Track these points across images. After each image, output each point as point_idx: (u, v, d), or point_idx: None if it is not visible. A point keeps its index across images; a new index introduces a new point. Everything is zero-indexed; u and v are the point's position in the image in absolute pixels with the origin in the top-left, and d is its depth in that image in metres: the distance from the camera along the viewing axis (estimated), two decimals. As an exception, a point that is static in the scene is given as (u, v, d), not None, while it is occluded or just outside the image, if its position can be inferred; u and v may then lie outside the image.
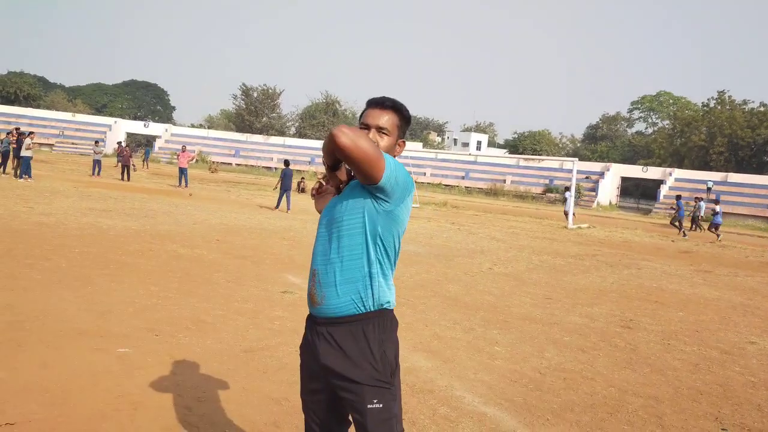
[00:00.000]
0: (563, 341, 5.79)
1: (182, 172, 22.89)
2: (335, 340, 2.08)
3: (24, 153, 18.87)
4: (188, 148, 29.73)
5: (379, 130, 2.13)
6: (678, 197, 25.21)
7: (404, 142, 2.21)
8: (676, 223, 23.33)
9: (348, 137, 1.87)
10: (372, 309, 2.09)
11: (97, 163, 24.18)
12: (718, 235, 21.55)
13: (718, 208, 22.29)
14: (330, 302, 2.07)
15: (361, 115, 2.20)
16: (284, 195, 17.66)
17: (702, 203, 25.98)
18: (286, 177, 17.69)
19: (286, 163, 18.72)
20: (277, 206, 17.59)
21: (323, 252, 2.10)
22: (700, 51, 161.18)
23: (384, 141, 2.13)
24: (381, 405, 2.04)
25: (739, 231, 29.62)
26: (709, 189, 40.49)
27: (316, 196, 2.43)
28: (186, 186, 22.37)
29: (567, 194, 23.51)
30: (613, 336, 6.16)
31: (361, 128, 2.14)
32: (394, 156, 2.17)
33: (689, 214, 26.08)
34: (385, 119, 2.13)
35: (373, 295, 2.08)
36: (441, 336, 5.59)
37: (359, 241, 2.07)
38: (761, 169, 47.43)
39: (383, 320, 2.12)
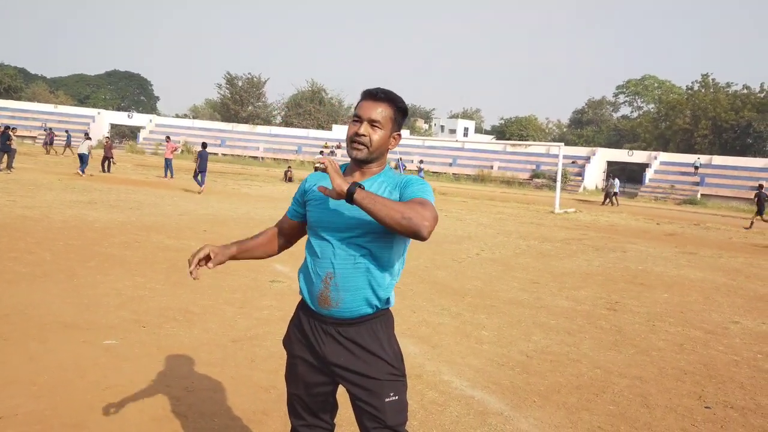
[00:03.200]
0: (549, 324, 5.84)
1: (167, 163, 22.76)
2: (348, 339, 2.09)
3: (82, 151, 20.64)
4: (173, 138, 29.51)
5: (372, 123, 2.07)
6: (610, 174, 31.09)
7: (400, 135, 2.15)
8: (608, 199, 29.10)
9: (430, 228, 1.88)
10: (382, 308, 2.13)
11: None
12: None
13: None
14: (348, 305, 2.06)
15: (355, 107, 2.15)
16: (199, 174, 18.29)
17: (616, 180, 30.60)
18: (201, 158, 18.47)
19: (203, 145, 19.57)
20: (201, 187, 17.99)
21: (345, 256, 2.04)
22: (684, 34, 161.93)
23: (377, 134, 2.07)
24: (397, 397, 2.09)
25: (723, 213, 29.96)
26: (696, 168, 40.96)
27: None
28: (171, 177, 22.21)
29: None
30: (599, 318, 6.23)
31: (354, 120, 2.10)
32: (389, 149, 2.13)
33: (605, 190, 31.29)
34: (378, 111, 2.07)
35: (389, 297, 2.13)
36: (429, 322, 5.62)
37: (389, 249, 2.07)
38: (744, 152, 47.90)
39: (387, 317, 2.17)
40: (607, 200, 29.47)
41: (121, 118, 59.82)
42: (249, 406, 3.53)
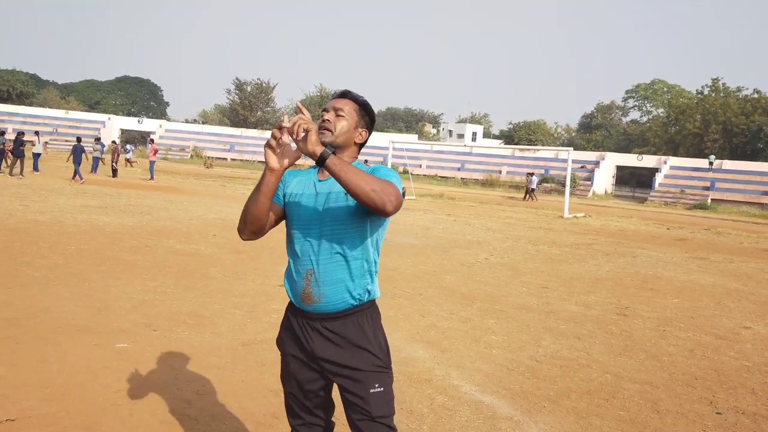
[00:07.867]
0: (559, 329, 5.83)
1: (151, 165, 23.46)
2: (333, 332, 2.14)
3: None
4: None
5: (336, 111, 2.18)
6: (530, 173, 33.85)
7: (366, 132, 2.24)
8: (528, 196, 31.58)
9: (395, 205, 1.95)
10: (366, 301, 2.18)
11: (96, 160, 24.29)
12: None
13: None
14: (331, 299, 2.11)
15: None
16: (77, 167, 19.82)
17: (534, 177, 33.17)
18: (75, 152, 20.29)
19: (78, 139, 21.63)
20: (73, 177, 19.28)
21: (322, 251, 2.11)
22: (694, 38, 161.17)
23: (340, 122, 2.17)
24: (382, 389, 2.14)
25: (733, 218, 29.74)
26: (711, 164, 40.75)
27: (274, 149, 2.05)
28: (151, 179, 22.55)
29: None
30: (609, 323, 6.21)
31: (322, 113, 2.20)
32: (355, 142, 2.22)
33: (526, 186, 33.47)
34: (343, 103, 2.20)
35: (370, 289, 2.18)
36: (438, 326, 5.62)
37: (363, 240, 2.13)
38: (755, 156, 47.54)
39: (373, 310, 2.23)
40: (527, 196, 32.09)
41: (132, 123, 60.22)
42: (259, 410, 3.55)
